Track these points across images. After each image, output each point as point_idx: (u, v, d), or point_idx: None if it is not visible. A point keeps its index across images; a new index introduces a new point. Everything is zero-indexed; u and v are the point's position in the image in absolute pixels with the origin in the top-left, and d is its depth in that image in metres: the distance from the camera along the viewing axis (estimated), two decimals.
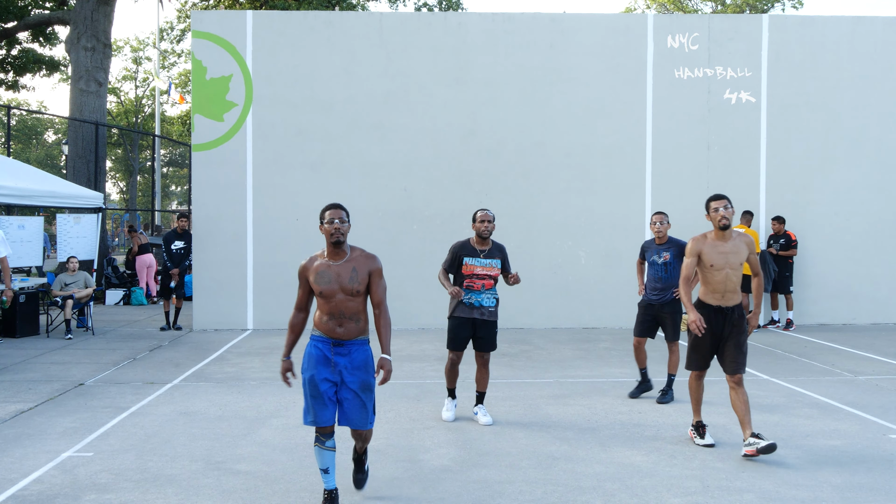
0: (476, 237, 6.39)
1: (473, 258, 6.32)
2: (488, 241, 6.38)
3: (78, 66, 17.25)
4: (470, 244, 6.39)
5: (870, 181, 12.62)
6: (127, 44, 44.17)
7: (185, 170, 48.40)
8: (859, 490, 4.83)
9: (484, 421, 6.39)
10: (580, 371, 8.72)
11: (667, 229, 7.24)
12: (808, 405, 7.06)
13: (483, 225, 6.29)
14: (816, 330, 11.87)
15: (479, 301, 6.35)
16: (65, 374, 8.51)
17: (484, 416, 6.44)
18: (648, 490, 4.82)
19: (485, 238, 6.33)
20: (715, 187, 12.40)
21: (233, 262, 12.04)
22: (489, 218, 6.31)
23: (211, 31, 12.10)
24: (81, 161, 16.96)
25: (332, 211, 4.43)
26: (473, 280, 6.31)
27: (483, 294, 6.34)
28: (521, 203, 12.27)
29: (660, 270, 7.18)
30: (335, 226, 4.37)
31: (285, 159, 12.10)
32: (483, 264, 6.32)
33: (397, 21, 12.63)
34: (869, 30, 12.71)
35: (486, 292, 6.35)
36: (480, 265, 6.31)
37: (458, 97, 12.26)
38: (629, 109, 12.40)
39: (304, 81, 12.17)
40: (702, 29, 12.49)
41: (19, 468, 5.22)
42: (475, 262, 6.31)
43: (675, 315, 7.19)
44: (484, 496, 4.71)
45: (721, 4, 35.50)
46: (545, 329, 12.02)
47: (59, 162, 45.76)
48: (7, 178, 11.11)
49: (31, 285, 11.80)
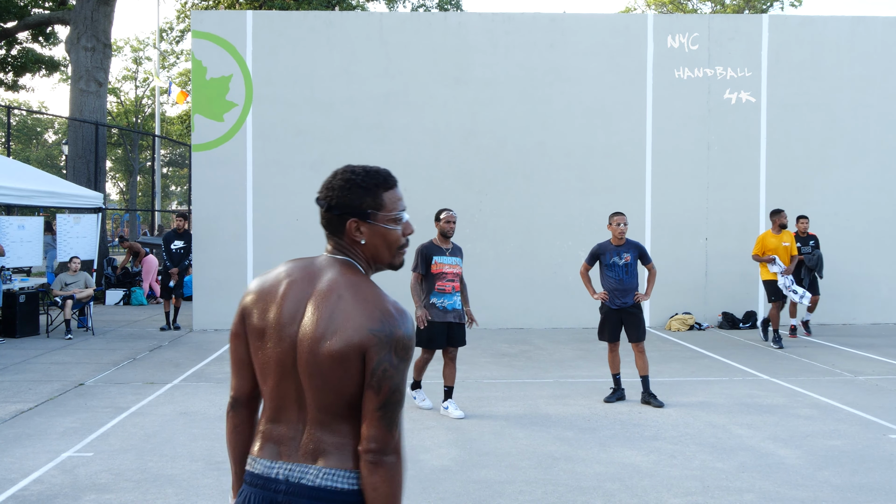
0: (439, 236, 6.72)
1: (441, 256, 6.63)
2: (450, 240, 6.71)
3: (78, 66, 17.25)
4: (434, 244, 6.71)
5: (870, 181, 12.61)
6: (127, 44, 44.19)
7: (185, 170, 48.39)
8: (859, 490, 4.83)
9: (456, 414, 6.59)
10: (580, 371, 8.72)
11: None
12: (808, 405, 7.06)
13: (449, 225, 6.63)
14: (816, 330, 11.86)
15: (451, 304, 6.63)
16: (65, 374, 8.51)
17: (455, 410, 6.63)
18: (648, 490, 4.82)
19: (448, 237, 6.67)
20: (715, 187, 12.42)
21: (233, 262, 12.04)
22: (454, 218, 6.67)
23: (211, 31, 12.10)
24: (81, 161, 16.95)
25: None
26: (444, 282, 6.59)
27: (454, 296, 6.64)
28: (521, 203, 12.27)
29: (620, 272, 7.12)
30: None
31: (285, 159, 12.10)
32: (450, 262, 6.64)
33: (397, 21, 12.63)
34: (869, 30, 12.71)
35: (456, 294, 6.66)
36: (448, 263, 6.62)
37: (458, 97, 12.26)
38: (629, 109, 12.40)
39: (304, 82, 12.17)
40: (702, 29, 12.49)
41: (19, 468, 5.22)
42: (443, 259, 6.61)
43: (639, 315, 7.16)
44: (484, 496, 4.71)
45: (720, 4, 35.50)
46: (545, 329, 12.02)
47: (59, 162, 45.77)
48: (7, 178, 11.11)
49: (31, 285, 11.79)
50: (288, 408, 1.92)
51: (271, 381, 1.93)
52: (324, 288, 1.91)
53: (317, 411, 1.88)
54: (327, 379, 1.84)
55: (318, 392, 1.86)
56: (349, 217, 1.98)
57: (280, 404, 1.93)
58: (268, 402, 1.96)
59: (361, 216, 1.97)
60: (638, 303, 7.17)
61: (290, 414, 1.92)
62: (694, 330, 12.00)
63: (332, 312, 1.85)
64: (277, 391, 1.92)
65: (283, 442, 1.93)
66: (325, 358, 1.83)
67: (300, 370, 1.87)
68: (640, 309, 7.21)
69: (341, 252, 2.01)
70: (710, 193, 12.46)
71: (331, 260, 1.99)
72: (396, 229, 2.02)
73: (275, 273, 2.00)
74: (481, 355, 9.69)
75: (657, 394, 7.19)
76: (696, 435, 6.06)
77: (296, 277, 1.96)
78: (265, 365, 1.93)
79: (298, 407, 1.91)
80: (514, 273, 12.21)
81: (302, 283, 1.94)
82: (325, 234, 2.03)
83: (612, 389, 7.31)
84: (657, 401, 7.00)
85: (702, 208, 12.47)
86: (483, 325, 12.11)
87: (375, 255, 2.02)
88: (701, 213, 12.46)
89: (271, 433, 1.95)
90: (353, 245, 2.00)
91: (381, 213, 1.99)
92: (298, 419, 1.92)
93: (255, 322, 1.95)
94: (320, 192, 2.02)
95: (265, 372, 1.94)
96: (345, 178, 1.99)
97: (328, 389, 1.85)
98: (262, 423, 1.98)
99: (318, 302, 1.88)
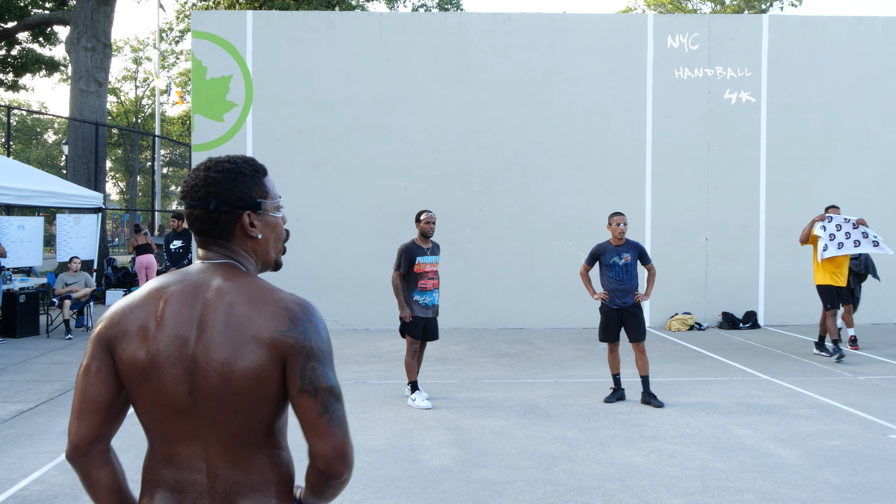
0: (420, 236, 7.08)
1: (423, 256, 7.01)
2: (429, 239, 7.11)
3: (78, 66, 17.25)
4: (416, 244, 7.06)
5: (870, 181, 12.61)
6: (127, 44, 44.23)
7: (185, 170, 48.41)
8: (859, 490, 4.83)
9: (424, 405, 6.86)
10: (580, 371, 8.71)
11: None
12: (808, 405, 7.06)
13: (429, 225, 7.05)
14: (816, 330, 11.85)
15: (432, 301, 7.08)
16: (65, 374, 8.51)
17: (424, 402, 6.91)
18: (648, 490, 4.81)
19: (428, 237, 7.07)
20: (715, 187, 12.41)
21: None
22: (433, 219, 7.11)
23: (211, 31, 12.10)
24: (81, 161, 16.96)
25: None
26: (426, 280, 7.00)
27: (434, 293, 7.08)
28: (521, 203, 12.27)
29: (621, 272, 7.14)
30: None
31: (285, 159, 12.09)
32: (430, 261, 7.06)
33: (397, 21, 12.63)
34: (869, 30, 12.71)
35: (435, 291, 7.09)
36: (428, 262, 7.04)
37: (458, 97, 12.26)
38: (629, 109, 12.40)
39: (304, 82, 12.17)
40: (702, 29, 12.49)
41: (19, 468, 5.22)
42: (424, 259, 7.00)
43: (639, 315, 7.18)
44: (484, 496, 4.71)
45: (720, 4, 35.50)
46: (545, 329, 12.02)
47: (59, 162, 45.77)
48: (7, 178, 11.11)
49: (31, 285, 11.80)
50: (185, 448, 1.61)
51: (162, 418, 1.61)
52: (214, 298, 1.61)
53: (225, 445, 1.59)
54: (241, 401, 1.57)
55: (227, 420, 1.58)
56: (241, 211, 1.70)
57: (175, 445, 1.61)
58: (157, 445, 1.64)
59: (252, 207, 1.71)
60: (638, 303, 7.17)
61: (189, 454, 1.61)
62: (694, 330, 12.00)
63: (232, 323, 1.57)
64: (171, 430, 1.61)
65: (183, 490, 1.61)
66: (238, 376, 1.55)
67: (202, 398, 1.57)
68: (640, 309, 7.22)
69: (225, 256, 1.70)
70: (710, 193, 12.46)
71: (210, 266, 1.68)
72: (279, 218, 1.78)
73: (141, 295, 1.66)
74: (481, 355, 9.68)
75: (657, 394, 7.19)
76: (696, 435, 6.06)
77: (173, 293, 1.63)
78: (154, 401, 1.60)
79: (197, 445, 1.60)
80: (514, 273, 12.21)
81: (184, 298, 1.62)
82: (198, 241, 1.73)
83: (612, 389, 7.31)
84: (657, 401, 7.00)
85: (702, 208, 12.46)
86: (483, 325, 12.17)
87: (266, 251, 1.76)
88: (701, 213, 12.46)
89: (166, 480, 1.62)
90: (244, 244, 1.72)
91: (268, 202, 1.75)
92: (199, 458, 1.60)
93: (130, 354, 1.61)
94: (193, 191, 1.70)
95: (153, 409, 1.61)
96: (222, 168, 1.72)
97: (241, 414, 1.57)
98: (150, 470, 1.66)
99: (213, 315, 1.59)
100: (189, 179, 1.72)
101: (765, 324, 12.38)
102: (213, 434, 1.59)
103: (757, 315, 12.33)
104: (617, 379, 7.29)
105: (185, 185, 1.73)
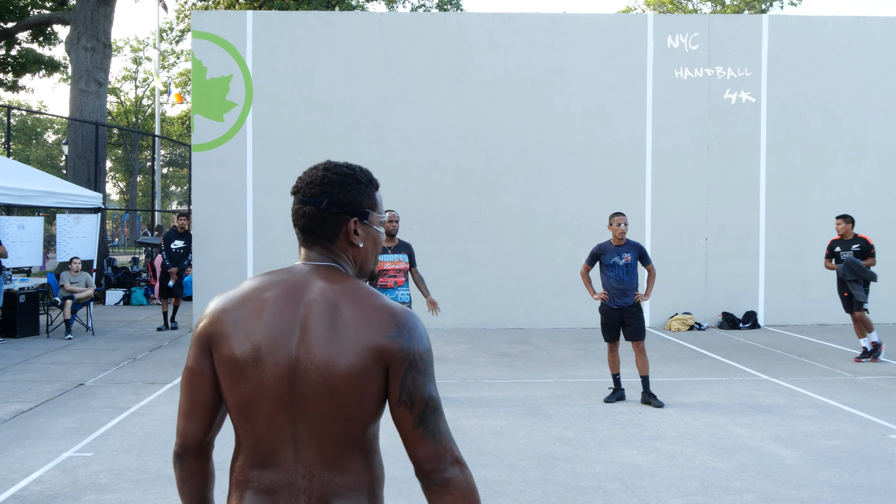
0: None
1: (383, 254, 7.10)
2: (395, 238, 7.23)
3: (78, 66, 17.25)
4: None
5: (870, 181, 12.61)
6: (127, 44, 44.25)
7: (185, 170, 48.39)
8: (859, 490, 4.83)
9: None
10: (580, 371, 8.71)
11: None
12: (808, 405, 7.06)
13: (392, 224, 7.17)
14: (816, 330, 11.87)
15: (395, 298, 7.09)
16: (65, 374, 8.51)
17: None
18: (648, 490, 4.81)
19: (392, 236, 7.20)
20: (715, 187, 12.41)
21: (233, 262, 12.04)
22: (396, 218, 7.25)
23: (211, 31, 12.10)
24: (81, 161, 16.96)
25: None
26: (386, 279, 7.12)
27: (397, 291, 7.13)
28: (521, 203, 12.27)
29: (621, 272, 7.15)
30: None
31: (285, 159, 12.09)
32: (392, 259, 7.16)
33: (397, 21, 12.64)
34: (869, 30, 12.71)
35: (399, 289, 7.14)
36: (389, 260, 7.14)
37: (458, 97, 12.26)
38: (629, 109, 12.40)
39: (304, 81, 12.17)
40: (702, 29, 12.49)
41: (19, 468, 5.22)
42: (385, 258, 7.13)
43: (639, 315, 7.18)
44: (484, 496, 4.70)
45: (720, 4, 35.50)
46: (545, 329, 12.02)
47: (59, 162, 45.76)
48: (7, 178, 11.11)
49: (31, 285, 11.79)
50: (281, 448, 1.60)
51: (260, 418, 1.60)
52: (318, 299, 1.61)
53: (322, 446, 1.59)
54: (343, 403, 1.56)
55: (326, 422, 1.57)
56: (349, 216, 1.70)
57: (271, 445, 1.60)
58: (251, 446, 1.63)
59: (361, 216, 1.72)
60: (638, 303, 7.17)
61: (285, 455, 1.60)
62: (694, 330, 12.00)
63: (337, 325, 1.58)
64: (268, 430, 1.60)
65: (277, 491, 1.60)
66: (342, 376, 1.55)
67: (303, 399, 1.57)
68: (640, 309, 7.22)
69: (327, 258, 1.71)
70: (710, 193, 12.46)
71: (314, 268, 1.69)
72: (381, 233, 1.80)
73: (243, 291, 1.68)
74: (481, 355, 9.68)
75: (657, 394, 7.19)
76: (696, 435, 6.06)
77: (277, 292, 1.64)
78: (251, 401, 1.59)
79: (294, 446, 1.60)
80: (514, 273, 12.21)
81: (287, 297, 1.63)
82: (302, 239, 1.73)
83: (611, 389, 7.31)
84: (657, 401, 7.00)
85: (702, 208, 12.47)
86: (483, 325, 12.17)
87: (365, 261, 1.76)
88: (701, 213, 12.46)
89: (259, 481, 1.61)
90: (346, 249, 1.72)
91: (375, 215, 1.76)
92: (296, 460, 1.60)
93: (230, 352, 1.61)
94: (308, 188, 1.71)
95: (249, 409, 1.60)
96: (340, 171, 1.73)
97: (342, 416, 1.57)
98: (242, 471, 1.64)
99: (317, 316, 1.59)
100: (305, 176, 1.74)
101: (765, 324, 12.38)
102: (311, 434, 1.59)
103: (757, 315, 12.33)
104: (617, 379, 7.30)
105: (300, 181, 1.74)
